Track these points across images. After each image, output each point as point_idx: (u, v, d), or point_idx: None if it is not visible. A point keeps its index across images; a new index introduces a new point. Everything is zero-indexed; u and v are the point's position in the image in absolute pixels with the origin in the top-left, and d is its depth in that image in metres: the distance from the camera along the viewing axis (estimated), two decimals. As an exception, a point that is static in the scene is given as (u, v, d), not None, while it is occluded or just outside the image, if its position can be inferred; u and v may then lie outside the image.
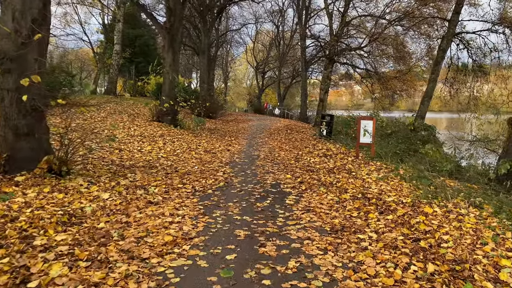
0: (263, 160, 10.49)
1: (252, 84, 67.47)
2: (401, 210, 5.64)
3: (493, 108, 14.62)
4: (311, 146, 13.62)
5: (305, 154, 11.67)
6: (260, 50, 54.96)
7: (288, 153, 11.84)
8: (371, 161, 10.33)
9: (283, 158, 10.90)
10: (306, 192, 6.77)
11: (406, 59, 21.35)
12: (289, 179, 7.92)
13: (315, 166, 9.40)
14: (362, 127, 10.57)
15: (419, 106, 16.38)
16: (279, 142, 15.20)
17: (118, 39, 23.92)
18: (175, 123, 16.82)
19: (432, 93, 16.27)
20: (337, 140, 14.99)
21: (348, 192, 6.78)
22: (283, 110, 41.33)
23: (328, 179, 7.79)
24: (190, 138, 14.44)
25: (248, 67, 64.19)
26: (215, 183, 7.37)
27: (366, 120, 10.71)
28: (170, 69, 16.93)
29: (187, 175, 8.07)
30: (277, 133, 19.16)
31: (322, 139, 15.64)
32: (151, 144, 11.80)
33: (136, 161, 9.35)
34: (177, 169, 8.66)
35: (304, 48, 31.00)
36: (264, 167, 9.39)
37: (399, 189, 7.21)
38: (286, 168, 9.20)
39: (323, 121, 16.25)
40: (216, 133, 17.91)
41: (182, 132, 15.82)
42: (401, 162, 10.70)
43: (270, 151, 12.27)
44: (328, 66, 22.69)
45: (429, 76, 16.37)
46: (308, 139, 16.04)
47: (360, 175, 8.38)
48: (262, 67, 53.07)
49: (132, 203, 5.84)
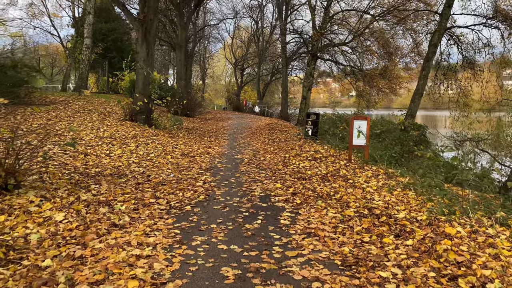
0: (247, 165, 9.45)
1: (230, 81, 66.30)
2: (419, 231, 4.70)
3: (486, 105, 14.00)
4: (298, 147, 12.65)
5: (292, 157, 10.68)
6: (238, 46, 53.83)
7: (274, 156, 10.83)
8: (365, 165, 9.42)
9: (270, 162, 9.88)
10: (302, 207, 5.76)
11: (391, 55, 20.64)
12: (279, 189, 6.90)
13: (306, 172, 8.42)
14: (356, 127, 9.65)
15: (409, 104, 15.62)
16: (262, 143, 14.18)
17: (89, 32, 22.42)
18: (150, 122, 15.61)
19: (423, 90, 15.52)
20: (324, 141, 14.08)
21: (350, 207, 5.80)
22: (263, 107, 40.36)
23: (325, 189, 6.81)
24: (166, 139, 13.28)
25: (226, 64, 63.01)
26: (194, 196, 6.29)
27: (359, 120, 9.79)
28: (144, 64, 15.69)
29: (161, 185, 6.96)
30: (259, 132, 18.14)
31: (308, 140, 14.71)
32: (121, 147, 10.60)
33: (103, 168, 8.17)
34: (150, 178, 7.53)
35: (284, 44, 30.08)
36: (250, 173, 8.35)
37: (406, 201, 6.29)
38: (274, 175, 8.19)
39: (308, 120, 15.32)
40: (194, 133, 16.77)
41: (158, 132, 14.64)
42: (398, 166, 9.83)
43: (254, 154, 11.24)
44: (311, 63, 21.79)
45: (420, 72, 15.66)
46: (293, 140, 15.08)
47: (359, 183, 7.43)
48: (241, 63, 51.97)
49: (91, 227, 4.71)
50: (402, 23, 17.65)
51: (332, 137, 14.83)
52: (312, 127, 15.17)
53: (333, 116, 18.21)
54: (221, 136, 16.36)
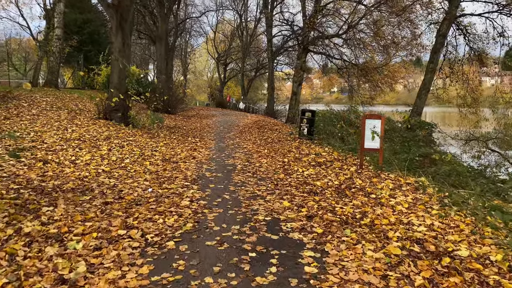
0: (241, 173, 7.90)
1: (213, 77, 64.38)
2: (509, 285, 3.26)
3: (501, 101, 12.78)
4: (295, 149, 11.16)
5: (292, 162, 9.18)
6: (221, 40, 52.03)
7: (271, 161, 9.31)
8: (381, 172, 8.00)
9: (267, 169, 8.35)
10: (326, 240, 4.26)
11: (387, 48, 19.33)
12: (289, 209, 5.38)
13: (315, 184, 6.92)
14: (370, 128, 8.19)
15: (415, 100, 14.26)
16: (254, 144, 12.64)
17: (59, 22, 20.44)
18: (127, 121, 13.90)
19: (430, 85, 14.20)
20: (324, 142, 12.64)
21: (390, 238, 4.33)
22: (247, 104, 38.78)
23: (347, 210, 5.31)
24: (145, 141, 11.64)
25: (208, 59, 61.02)
26: (179, 223, 4.72)
27: (372, 119, 8.33)
28: (120, 55, 13.97)
29: (136, 206, 5.37)
30: (248, 131, 16.59)
31: (303, 140, 13.24)
32: (91, 152, 8.94)
33: (64, 180, 6.54)
34: (122, 194, 5.93)
35: (271, 37, 28.55)
36: (246, 185, 6.81)
37: (454, 225, 4.86)
38: (277, 188, 6.66)
39: (303, 117, 13.84)
40: (176, 132, 15.13)
41: (135, 132, 12.97)
42: (415, 172, 8.44)
43: (247, 158, 9.69)
44: (301, 56, 20.33)
45: (427, 65, 14.33)
46: (287, 140, 13.59)
47: (384, 199, 5.98)
48: (224, 58, 50.25)
49: (25, 286, 3.13)
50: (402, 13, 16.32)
51: (330, 137, 13.40)
52: (308, 125, 13.70)
53: (327, 113, 16.79)
54: (206, 135, 14.76)
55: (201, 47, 59.58)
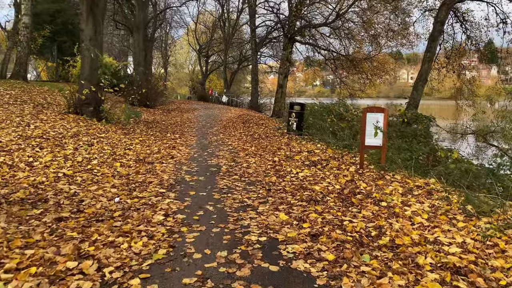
0: (227, 176, 6.86)
1: (194, 69, 62.86)
2: None
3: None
4: (285, 146, 10.17)
5: (283, 161, 8.17)
6: (203, 32, 50.55)
7: (260, 160, 8.29)
8: (384, 172, 7.06)
9: (257, 170, 7.33)
10: (342, 273, 3.26)
11: (377, 38, 18.46)
12: (287, 225, 4.37)
13: (313, 188, 5.93)
14: (372, 122, 7.23)
15: (411, 92, 13.38)
16: (239, 140, 11.60)
17: (27, 9, 18.95)
18: (99, 115, 12.70)
19: (427, 75, 13.31)
20: (315, 138, 11.68)
21: (422, 266, 3.37)
22: (230, 97, 37.63)
23: (358, 224, 4.33)
24: (118, 137, 10.50)
25: (190, 51, 59.50)
26: (149, 249, 3.66)
27: (374, 112, 7.38)
28: (91, 44, 12.73)
29: (96, 223, 4.29)
30: (232, 126, 15.53)
31: (292, 135, 12.27)
32: (53, 151, 7.78)
33: (13, 188, 5.42)
34: (82, 206, 4.84)
35: (254, 27, 27.48)
36: (233, 192, 5.77)
37: (491, 243, 3.94)
38: (270, 194, 5.64)
39: (292, 111, 12.86)
40: (155, 127, 13.97)
41: (109, 128, 11.81)
42: (424, 173, 7.54)
43: (233, 157, 8.64)
44: (287, 46, 19.30)
45: (424, 55, 13.45)
46: (275, 135, 12.58)
47: (398, 208, 5.03)
48: (206, 50, 48.84)
49: None
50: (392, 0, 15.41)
51: (321, 132, 12.44)
52: (297, 120, 12.73)
53: (316, 106, 15.82)
54: (187, 131, 13.64)
55: (182, 38, 58.06)
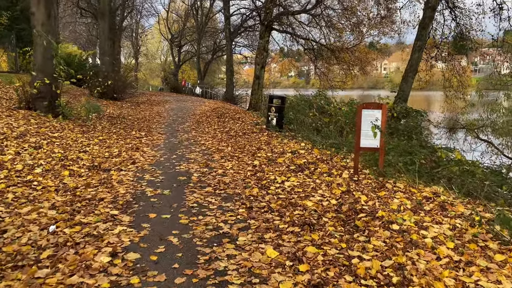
0: (199, 187, 5.66)
1: (166, 60, 60.82)
2: None
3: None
4: (265, 145, 9.03)
5: (265, 165, 7.03)
6: (175, 20, 48.66)
7: (238, 165, 7.12)
8: (384, 179, 6.03)
9: (234, 178, 6.16)
10: None
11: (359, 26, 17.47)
12: (278, 268, 3.23)
13: (304, 204, 4.81)
14: (369, 121, 6.17)
15: (400, 84, 12.40)
16: (214, 138, 10.38)
17: (-24, -9, 17.06)
18: (55, 110, 11.27)
19: (417, 66, 12.33)
20: (295, 133, 10.61)
21: None
22: (204, 88, 36.18)
23: (374, 266, 3.24)
24: (75, 137, 9.14)
25: (161, 40, 57.38)
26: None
27: (371, 109, 6.31)
28: (44, 29, 11.24)
29: (11, 272, 3.05)
30: (206, 121, 14.27)
31: (272, 131, 11.15)
32: (-14, 157, 6.42)
33: None
34: (1, 242, 3.58)
35: (228, 15, 26.12)
36: (206, 212, 4.59)
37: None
38: (252, 215, 4.49)
39: (271, 106, 11.72)
40: (119, 123, 12.59)
41: (65, 125, 10.43)
42: (427, 178, 6.54)
43: (206, 161, 7.43)
44: (264, 35, 18.10)
45: (414, 43, 12.46)
46: (253, 132, 11.43)
47: (413, 232, 3.98)
48: (178, 40, 47.03)
49: None
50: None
51: (303, 128, 11.37)
52: (277, 115, 11.60)
53: (296, 99, 14.75)
54: (155, 128, 12.32)
55: (154, 27, 55.93)
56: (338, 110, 12.12)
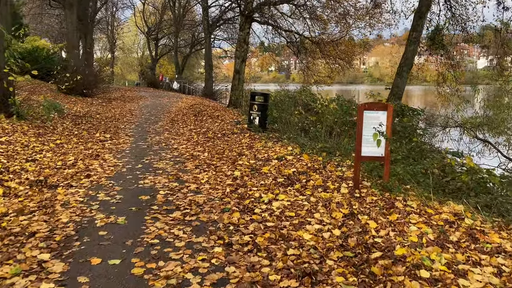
0: (164, 211, 4.49)
1: (143, 54, 58.81)
2: None
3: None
4: (247, 150, 7.89)
5: (247, 176, 5.90)
6: (151, 12, 46.85)
7: (215, 176, 5.96)
8: (391, 196, 4.98)
9: (210, 195, 5.01)
10: None
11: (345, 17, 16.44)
12: None
13: (299, 236, 3.72)
14: (371, 125, 5.10)
15: (395, 79, 11.36)
16: (188, 141, 9.18)
17: None
18: (8, 110, 9.95)
19: (413, 59, 11.27)
20: (280, 134, 9.51)
21: None
22: (182, 83, 34.75)
23: None
24: (26, 141, 7.85)
25: (138, 33, 55.37)
26: None
27: (374, 110, 5.24)
28: (-9, 17, 9.89)
29: None
30: (181, 120, 13.04)
31: (255, 132, 10.03)
32: None
33: None
34: None
35: (206, 6, 24.83)
36: (168, 253, 3.43)
37: None
38: (231, 257, 3.36)
39: (253, 103, 10.59)
40: (84, 123, 11.28)
41: (19, 127, 9.12)
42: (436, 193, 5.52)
43: (177, 172, 6.25)
44: (244, 26, 16.91)
45: (409, 35, 11.41)
46: (233, 133, 10.27)
47: (449, 280, 2.93)
48: (155, 33, 45.34)
49: None
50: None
51: (288, 128, 10.28)
52: (260, 113, 10.48)
53: (280, 95, 13.66)
54: (124, 128, 11.04)
55: (129, 20, 53.93)
56: (325, 108, 11.06)
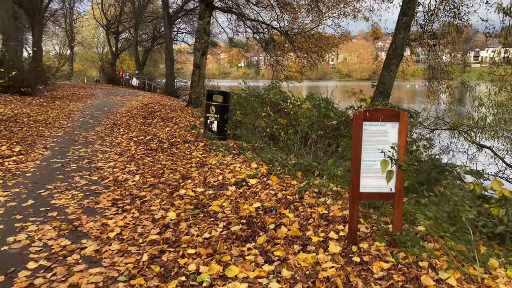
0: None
1: (104, 49, 55.52)
2: None
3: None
4: (197, 168, 5.87)
5: (185, 220, 3.91)
6: (110, 4, 43.81)
7: (134, 221, 3.93)
8: (411, 259, 3.11)
9: (110, 276, 3.00)
10: None
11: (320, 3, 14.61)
12: None
13: None
14: (375, 144, 3.22)
15: (381, 74, 9.48)
16: (121, 155, 7.04)
17: None
18: None
19: (403, 50, 9.30)
20: (242, 141, 7.55)
21: None
22: (143, 80, 32.22)
23: None
24: None
25: (97, 27, 52.04)
26: None
27: (379, 120, 3.33)
28: None
29: None
30: (125, 124, 10.85)
31: (213, 140, 8.01)
32: None
33: None
34: None
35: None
36: None
37: None
38: None
39: (211, 104, 8.56)
40: (2, 130, 8.95)
41: None
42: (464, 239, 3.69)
43: (78, 216, 4.17)
44: (204, 14, 14.81)
45: (397, 21, 9.53)
46: (186, 141, 8.21)
47: None
48: (115, 26, 42.44)
49: None
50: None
51: (253, 136, 8.32)
52: (218, 116, 8.46)
53: (244, 92, 11.68)
54: (47, 137, 8.77)
55: (88, 13, 50.67)
56: (298, 109, 9.16)
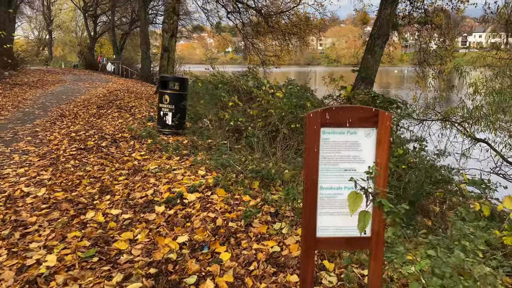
0: None
1: (83, 33, 53.34)
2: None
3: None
4: (126, 179, 4.62)
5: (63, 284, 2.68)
6: (87, -15, 41.65)
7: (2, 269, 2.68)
8: None
9: None
10: None
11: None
12: None
13: None
14: (340, 162, 1.99)
15: (363, 58, 8.07)
16: (41, 159, 5.69)
17: None
18: None
19: (389, 28, 7.83)
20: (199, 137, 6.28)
21: None
22: (119, 65, 30.53)
23: None
24: None
25: (75, 10, 49.80)
26: None
27: (346, 125, 2.08)
28: None
29: None
30: (75, 114, 9.47)
31: (166, 137, 6.73)
32: None
33: None
34: None
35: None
36: None
37: None
38: None
39: (164, 93, 7.23)
40: None
41: None
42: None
43: None
44: (174, -8, 13.32)
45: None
46: (134, 136, 6.90)
47: None
48: (93, 9, 40.43)
49: None
50: None
51: (215, 128, 7.05)
52: (173, 107, 7.15)
53: (211, 78, 10.38)
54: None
55: (64, -6, 48.37)
56: (269, 98, 7.88)
